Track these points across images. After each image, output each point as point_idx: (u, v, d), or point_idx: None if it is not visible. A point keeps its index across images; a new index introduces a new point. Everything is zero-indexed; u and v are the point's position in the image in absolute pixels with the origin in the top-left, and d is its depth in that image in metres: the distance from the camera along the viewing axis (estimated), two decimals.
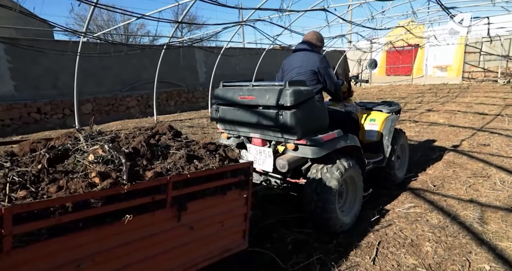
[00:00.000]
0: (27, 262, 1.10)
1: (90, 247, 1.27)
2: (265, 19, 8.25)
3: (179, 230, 1.58)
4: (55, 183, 1.25)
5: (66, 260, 1.20)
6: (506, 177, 3.78)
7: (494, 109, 8.50)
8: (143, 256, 1.46)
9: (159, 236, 1.50)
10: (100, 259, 1.30)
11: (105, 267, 1.32)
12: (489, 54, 16.97)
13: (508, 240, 2.51)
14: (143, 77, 11.57)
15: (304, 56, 3.03)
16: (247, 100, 2.66)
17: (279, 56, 17.03)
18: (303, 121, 2.46)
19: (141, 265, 1.46)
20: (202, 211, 1.68)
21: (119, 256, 1.38)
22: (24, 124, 8.75)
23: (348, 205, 2.89)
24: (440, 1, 6.98)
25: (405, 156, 4.03)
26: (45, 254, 1.15)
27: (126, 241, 1.38)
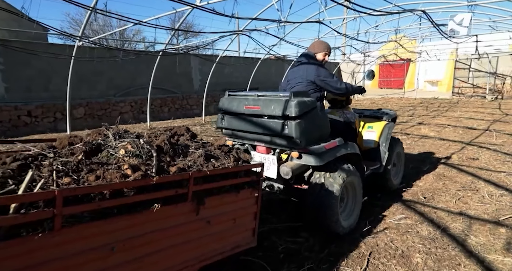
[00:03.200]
0: (71, 241, 1.20)
1: (121, 232, 1.36)
2: (261, 29, 8.37)
3: (197, 224, 1.69)
4: (93, 173, 1.38)
5: (102, 243, 1.31)
6: (494, 191, 3.85)
7: (482, 124, 8.70)
8: (165, 246, 1.56)
9: (180, 227, 1.61)
10: (129, 245, 1.40)
11: (132, 253, 1.42)
12: (478, 71, 17.44)
13: (496, 252, 2.54)
14: (138, 83, 11.55)
15: (304, 67, 3.14)
16: (252, 110, 2.75)
17: (274, 66, 17.23)
18: (306, 130, 2.56)
19: (162, 254, 1.55)
20: (218, 207, 1.78)
21: (146, 243, 1.47)
22: (13, 127, 8.61)
23: (348, 210, 2.98)
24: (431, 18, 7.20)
25: (400, 164, 4.13)
26: (86, 236, 1.26)
27: (152, 229, 1.48)
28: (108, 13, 5.38)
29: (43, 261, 1.14)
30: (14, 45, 8.14)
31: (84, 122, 9.87)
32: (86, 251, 1.27)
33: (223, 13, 5.96)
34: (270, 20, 7.10)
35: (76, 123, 9.37)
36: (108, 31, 19.50)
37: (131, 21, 6.32)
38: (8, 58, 8.70)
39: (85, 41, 8.28)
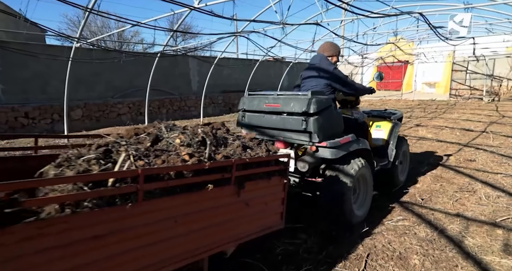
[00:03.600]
0: (147, 212, 1.46)
1: (182, 208, 1.61)
2: (259, 31, 8.39)
3: (238, 205, 1.92)
4: (159, 158, 1.64)
5: (168, 216, 1.55)
6: (491, 192, 3.87)
7: (479, 126, 8.74)
8: (214, 222, 1.79)
9: (225, 207, 1.84)
10: (187, 219, 1.64)
11: (189, 226, 1.66)
12: (475, 73, 17.54)
13: (492, 254, 2.55)
14: (136, 84, 11.53)
15: (317, 69, 3.29)
16: (273, 108, 2.98)
17: (272, 68, 17.25)
18: (323, 126, 2.77)
19: (212, 229, 1.78)
20: (254, 191, 2.01)
21: (200, 219, 1.70)
22: (10, 128, 8.57)
23: (360, 201, 3.20)
24: (428, 21, 7.24)
25: (406, 162, 4.34)
26: (157, 209, 1.50)
27: (204, 207, 1.72)
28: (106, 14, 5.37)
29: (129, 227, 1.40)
30: (11, 47, 8.12)
31: (82, 123, 9.84)
32: (158, 221, 1.52)
33: (221, 15, 5.97)
34: (268, 22, 7.12)
35: (73, 124, 9.34)
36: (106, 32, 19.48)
37: (129, 23, 6.32)
38: (5, 59, 8.68)
39: (83, 42, 8.27)
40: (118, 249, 1.37)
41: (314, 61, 3.36)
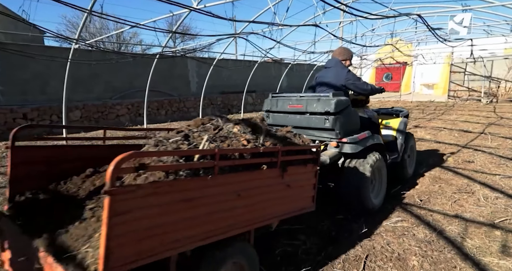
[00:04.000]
0: (220, 185, 1.75)
1: (243, 184, 1.89)
2: (258, 32, 8.40)
3: (282, 186, 2.19)
4: (224, 142, 2.00)
5: (234, 189, 1.84)
6: (489, 194, 3.88)
7: (477, 127, 8.76)
8: (265, 198, 2.07)
9: (272, 186, 2.12)
10: (247, 194, 1.91)
11: (247, 200, 1.94)
12: (473, 74, 17.60)
13: (491, 255, 2.56)
14: (134, 86, 11.53)
15: (333, 72, 3.60)
16: (296, 108, 3.30)
17: (272, 69, 17.27)
18: (343, 124, 3.11)
19: (263, 204, 2.06)
20: (294, 175, 2.26)
21: (255, 195, 1.98)
22: (8, 130, 8.52)
23: (376, 191, 3.49)
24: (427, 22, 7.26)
25: (413, 155, 4.63)
26: (227, 182, 1.79)
27: (258, 185, 2.01)
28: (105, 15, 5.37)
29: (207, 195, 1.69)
30: (10, 48, 8.11)
31: (81, 124, 9.83)
32: (226, 193, 1.80)
33: (220, 16, 5.98)
34: (267, 23, 7.13)
35: (72, 125, 9.33)
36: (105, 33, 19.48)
37: (128, 24, 6.32)
38: (3, 60, 8.67)
39: (81, 43, 8.26)
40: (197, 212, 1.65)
41: (329, 65, 3.68)
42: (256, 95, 16.17)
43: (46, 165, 2.14)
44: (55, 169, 2.17)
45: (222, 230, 1.79)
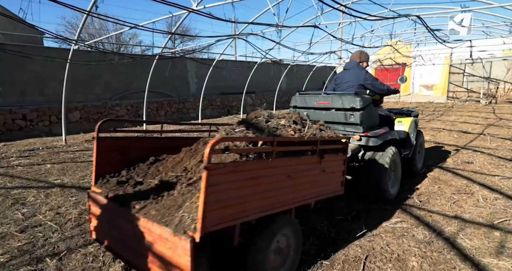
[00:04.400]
0: (275, 167, 2.10)
1: (292, 167, 2.23)
2: (257, 33, 8.41)
3: (319, 170, 2.53)
4: (278, 132, 2.40)
5: (285, 171, 2.18)
6: (489, 194, 3.88)
7: (477, 128, 8.78)
8: (307, 180, 2.42)
9: (312, 171, 2.46)
10: (295, 176, 2.26)
11: (295, 181, 2.27)
12: (472, 75, 17.63)
13: (490, 256, 2.56)
14: (134, 87, 11.52)
15: (353, 72, 3.93)
16: (323, 104, 3.66)
17: (271, 70, 17.28)
18: (366, 119, 3.43)
19: (305, 185, 2.40)
20: (328, 162, 2.59)
21: (300, 177, 2.33)
22: (7, 130, 8.52)
23: (392, 181, 3.81)
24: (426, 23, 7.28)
25: (422, 151, 5.00)
26: (281, 165, 2.14)
27: (302, 169, 2.35)
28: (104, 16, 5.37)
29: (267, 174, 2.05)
30: (9, 49, 8.09)
31: (80, 125, 9.82)
32: (280, 174, 2.14)
33: (219, 17, 5.99)
34: (266, 24, 7.13)
35: (71, 126, 9.31)
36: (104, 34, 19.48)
37: (127, 25, 6.32)
38: (2, 61, 8.65)
39: (81, 44, 8.26)
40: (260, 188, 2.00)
41: (348, 66, 4.01)
42: (256, 96, 16.17)
43: (120, 153, 2.59)
44: (127, 156, 2.62)
45: (277, 205, 2.14)
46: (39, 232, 3.05)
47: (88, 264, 2.50)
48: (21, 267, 2.46)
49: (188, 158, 2.54)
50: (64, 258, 2.59)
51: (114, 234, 2.20)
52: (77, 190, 4.27)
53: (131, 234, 1.98)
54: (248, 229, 2.07)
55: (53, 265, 2.49)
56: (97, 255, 2.60)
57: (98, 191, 2.33)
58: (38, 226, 3.18)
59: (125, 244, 2.12)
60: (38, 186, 4.50)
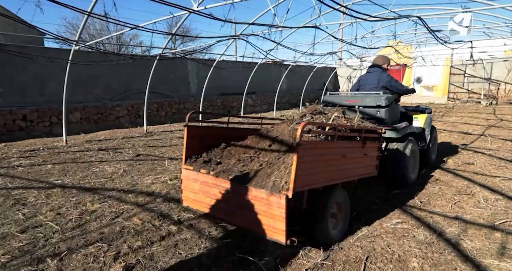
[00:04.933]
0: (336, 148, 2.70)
1: (345, 149, 2.83)
2: (258, 34, 8.41)
3: (362, 154, 3.11)
4: (334, 121, 2.97)
5: (342, 152, 2.78)
6: (489, 196, 3.87)
7: (477, 129, 8.77)
8: (354, 161, 3.00)
9: (357, 154, 3.04)
10: (347, 156, 2.83)
11: (348, 160, 2.86)
12: (473, 76, 17.62)
13: (491, 257, 2.55)
14: (134, 87, 11.53)
15: (376, 75, 4.43)
16: (352, 103, 4.16)
17: (271, 70, 17.28)
18: (390, 115, 4.02)
19: (353, 165, 2.99)
20: (367, 148, 3.15)
21: (351, 158, 2.91)
22: (8, 131, 8.53)
23: (412, 168, 4.31)
24: (427, 24, 7.28)
25: (435, 145, 5.48)
26: (339, 146, 2.74)
27: (351, 151, 2.93)
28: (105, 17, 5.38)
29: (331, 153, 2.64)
30: (9, 49, 8.11)
31: (80, 126, 9.82)
32: (338, 153, 2.72)
33: (220, 18, 5.99)
34: (267, 25, 7.14)
35: (72, 127, 9.32)
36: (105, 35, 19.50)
37: (128, 26, 6.33)
38: (3, 62, 8.66)
39: (81, 45, 8.27)
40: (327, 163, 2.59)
41: (372, 70, 4.52)
42: (256, 96, 16.17)
43: (200, 139, 3.15)
44: (205, 142, 3.18)
45: (335, 178, 2.74)
46: (40, 233, 3.05)
47: (88, 265, 2.50)
48: (22, 267, 2.47)
49: (255, 143, 3.14)
50: (65, 258, 2.59)
51: (207, 200, 2.78)
52: (78, 191, 4.27)
53: (227, 198, 2.60)
54: (313, 196, 2.62)
55: (54, 265, 2.49)
56: (98, 256, 2.61)
57: (190, 168, 2.92)
58: (39, 227, 3.18)
59: (220, 206, 2.70)
60: (39, 186, 4.50)
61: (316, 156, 2.44)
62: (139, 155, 6.40)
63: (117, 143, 7.91)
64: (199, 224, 3.21)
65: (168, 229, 3.07)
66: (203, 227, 3.12)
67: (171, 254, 2.63)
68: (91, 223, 3.26)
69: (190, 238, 2.92)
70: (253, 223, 2.41)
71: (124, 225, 3.18)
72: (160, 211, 3.53)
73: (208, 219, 3.28)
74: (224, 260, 2.54)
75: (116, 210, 3.57)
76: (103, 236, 2.96)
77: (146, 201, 3.87)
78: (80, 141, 8.20)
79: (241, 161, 2.90)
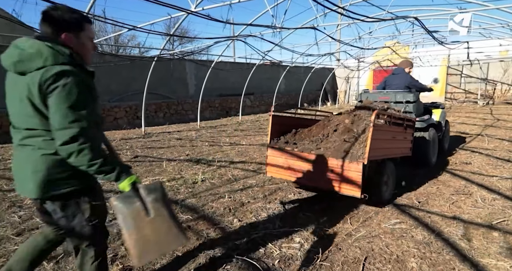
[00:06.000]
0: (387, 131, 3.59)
1: (394, 132, 3.72)
2: (256, 35, 8.42)
3: (403, 137, 3.98)
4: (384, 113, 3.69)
5: (392, 135, 3.69)
6: (487, 195, 3.88)
7: (474, 129, 8.80)
8: (397, 142, 3.87)
9: (400, 137, 3.91)
10: (396, 138, 3.79)
11: (395, 141, 3.78)
12: (470, 77, 17.70)
13: (489, 256, 2.56)
14: (132, 88, 11.50)
15: (401, 77, 5.21)
16: (384, 99, 4.92)
17: (269, 71, 17.29)
18: (417, 108, 4.91)
19: (396, 145, 3.85)
20: (405, 133, 4.03)
21: (398, 140, 3.84)
22: (4, 133, 8.48)
23: (432, 152, 5.16)
24: (424, 25, 7.31)
25: (448, 135, 6.35)
26: (390, 130, 3.64)
27: (397, 134, 3.80)
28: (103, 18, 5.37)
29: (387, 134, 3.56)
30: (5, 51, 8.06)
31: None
32: (390, 135, 3.64)
33: (218, 19, 5.99)
34: (265, 26, 7.15)
35: None
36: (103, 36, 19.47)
37: (126, 27, 6.32)
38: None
39: None
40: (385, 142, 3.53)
41: (397, 72, 5.33)
42: (254, 97, 16.17)
43: (279, 126, 3.94)
44: (282, 128, 3.98)
45: (388, 153, 3.67)
46: None
47: None
48: None
49: (321, 129, 3.98)
50: (61, 261, 2.57)
51: (290, 171, 3.59)
52: None
53: (309, 168, 3.42)
54: (373, 167, 3.47)
55: (50, 268, 2.47)
56: None
57: (276, 146, 3.73)
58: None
59: (303, 174, 3.49)
60: None
61: (380, 135, 3.30)
62: (137, 157, 6.39)
63: (115, 144, 7.88)
64: (197, 225, 3.20)
65: None
66: (201, 229, 3.12)
67: (169, 256, 2.62)
68: None
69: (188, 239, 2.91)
70: (333, 184, 3.24)
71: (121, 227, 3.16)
72: None
73: (206, 221, 3.27)
74: (223, 261, 2.53)
75: (113, 212, 3.56)
76: None
77: None
78: None
79: (313, 141, 3.71)
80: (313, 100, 18.89)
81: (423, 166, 5.00)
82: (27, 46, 1.49)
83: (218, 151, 6.79)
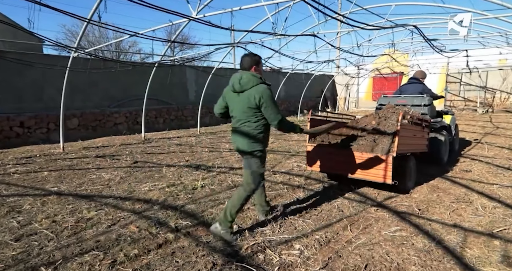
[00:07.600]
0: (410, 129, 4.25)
1: (414, 131, 4.37)
2: (256, 41, 8.49)
3: (421, 135, 4.58)
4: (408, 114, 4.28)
5: (413, 133, 4.33)
6: (487, 203, 3.87)
7: (474, 137, 8.81)
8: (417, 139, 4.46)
9: (418, 135, 4.50)
10: (416, 136, 4.42)
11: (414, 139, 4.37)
12: (469, 85, 17.78)
13: (490, 265, 2.54)
14: (132, 94, 11.53)
15: (415, 85, 5.89)
16: (402, 102, 5.46)
17: (269, 78, 17.34)
18: (431, 111, 5.45)
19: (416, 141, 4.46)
20: (423, 132, 4.62)
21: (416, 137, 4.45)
22: (5, 138, 8.48)
23: (444, 152, 5.70)
24: (423, 33, 7.38)
25: (457, 138, 6.91)
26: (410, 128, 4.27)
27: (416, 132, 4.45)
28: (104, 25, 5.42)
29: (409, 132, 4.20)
30: (8, 56, 8.12)
31: (78, 133, 9.79)
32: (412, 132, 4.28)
33: (219, 26, 6.04)
34: (265, 33, 7.21)
35: (69, 134, 9.29)
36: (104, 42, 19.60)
37: (127, 33, 6.37)
38: (0, 68, 8.63)
39: (80, 52, 8.30)
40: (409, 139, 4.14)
41: (412, 81, 5.96)
42: None
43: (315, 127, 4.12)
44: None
45: (410, 149, 4.24)
46: (34, 241, 3.01)
47: None
48: None
49: (351, 129, 4.62)
50: (60, 267, 2.55)
51: (328, 164, 4.34)
52: (74, 198, 4.23)
53: (345, 161, 4.04)
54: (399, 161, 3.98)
55: None
56: (93, 264, 2.57)
57: (314, 144, 4.44)
58: (33, 235, 3.14)
59: (339, 167, 4.20)
60: (34, 193, 4.46)
61: (405, 133, 3.93)
62: (136, 162, 6.38)
63: (115, 150, 7.88)
64: (197, 231, 3.18)
65: (165, 237, 3.04)
66: (200, 235, 3.10)
67: (168, 263, 2.60)
68: (87, 230, 3.23)
69: (187, 246, 2.89)
70: (366, 174, 3.93)
71: (120, 233, 3.15)
72: (157, 218, 3.50)
73: (205, 227, 3.25)
74: (222, 268, 2.51)
75: (112, 218, 3.54)
76: (99, 244, 2.92)
77: (143, 208, 3.84)
78: (77, 148, 8.16)
79: (346, 140, 4.38)
80: (312, 107, 18.93)
81: (436, 163, 5.54)
82: None
83: (218, 157, 6.79)
